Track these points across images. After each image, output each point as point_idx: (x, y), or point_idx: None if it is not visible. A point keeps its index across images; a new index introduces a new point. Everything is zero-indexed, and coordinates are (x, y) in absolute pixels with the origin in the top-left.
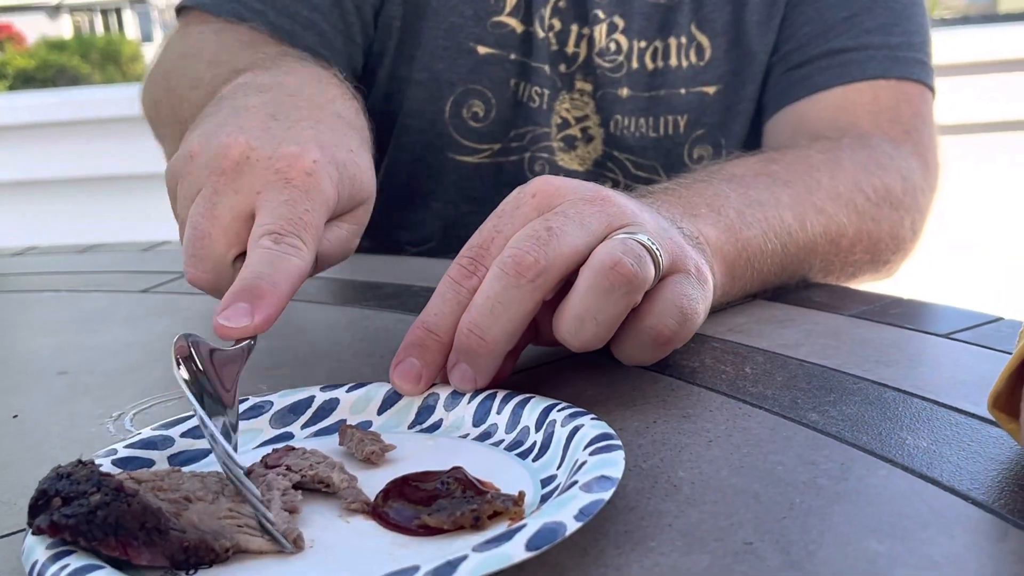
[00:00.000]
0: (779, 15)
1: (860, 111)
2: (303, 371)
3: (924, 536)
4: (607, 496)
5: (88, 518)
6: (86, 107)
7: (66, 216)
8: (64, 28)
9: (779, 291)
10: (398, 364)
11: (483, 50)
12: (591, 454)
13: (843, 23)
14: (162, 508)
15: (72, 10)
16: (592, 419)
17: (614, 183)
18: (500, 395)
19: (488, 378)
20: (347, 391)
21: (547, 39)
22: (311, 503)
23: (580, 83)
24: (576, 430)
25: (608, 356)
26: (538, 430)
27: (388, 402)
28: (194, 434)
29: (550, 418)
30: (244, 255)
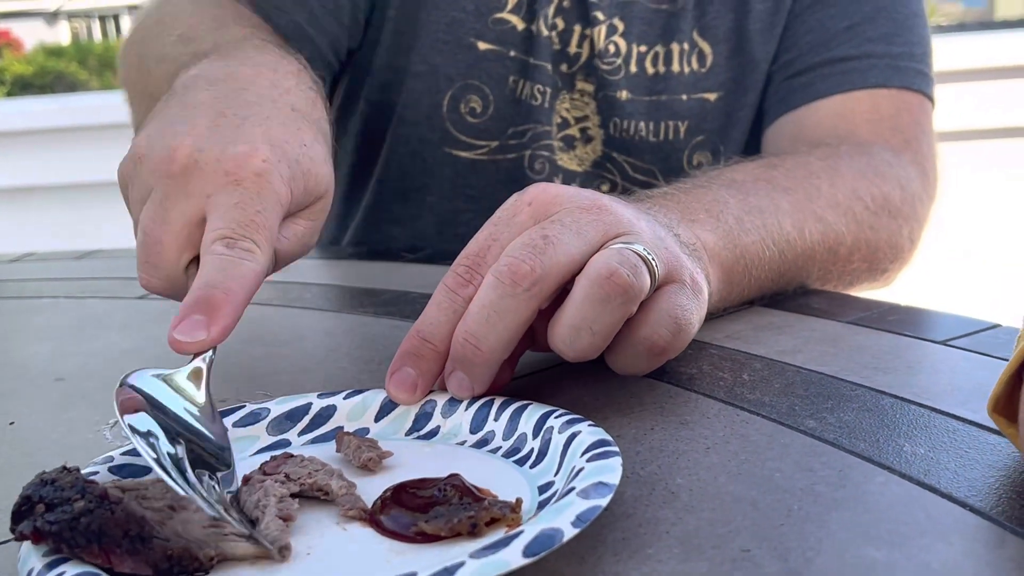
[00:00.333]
0: (781, 24)
1: (860, 119)
2: (300, 378)
3: (922, 543)
4: (604, 502)
5: (71, 525)
6: (84, 113)
7: (63, 222)
8: (62, 34)
9: (776, 298)
10: (394, 373)
11: (483, 46)
12: (588, 460)
13: (845, 32)
14: (146, 516)
15: (70, 16)
16: (589, 426)
17: (612, 185)
18: (497, 402)
19: (485, 386)
20: (344, 398)
21: (550, 38)
22: (308, 510)
23: (581, 83)
24: (573, 437)
25: (605, 363)
26: (535, 437)
27: (385, 409)
28: None
29: (547, 425)
30: (198, 259)
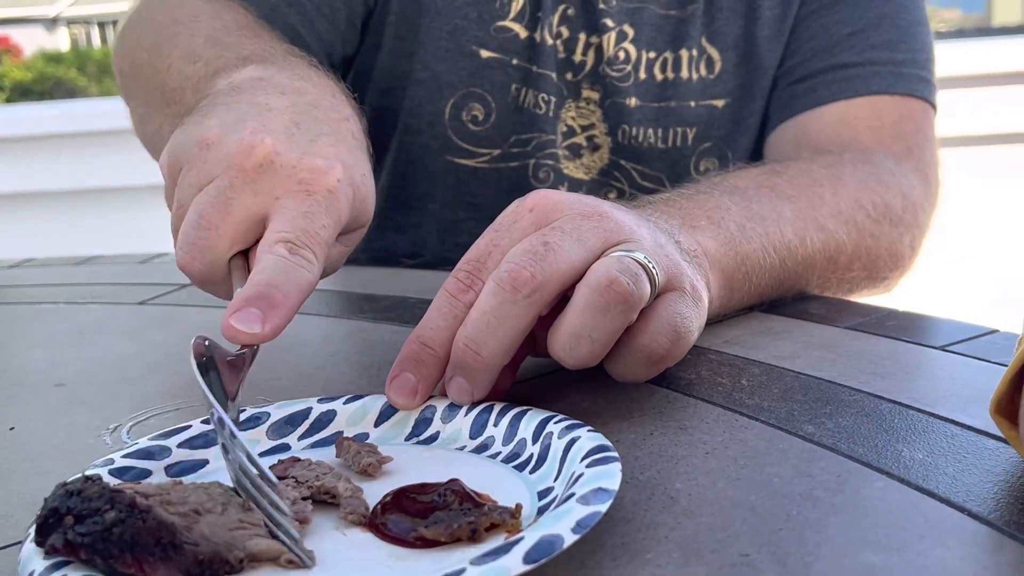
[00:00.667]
0: (789, 31)
1: (862, 126)
2: (300, 382)
3: (920, 548)
4: (604, 508)
5: (104, 536)
6: (83, 119)
7: (63, 228)
8: (61, 40)
9: (775, 303)
10: (394, 378)
11: (485, 54)
12: (588, 466)
13: (849, 39)
14: (175, 522)
15: (69, 23)
16: (589, 431)
17: (620, 192)
18: (497, 407)
19: (485, 391)
20: (344, 403)
21: (554, 47)
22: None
23: (587, 91)
24: (573, 442)
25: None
26: (535, 442)
27: (385, 414)
28: (191, 444)
29: (547, 430)
30: (240, 254)
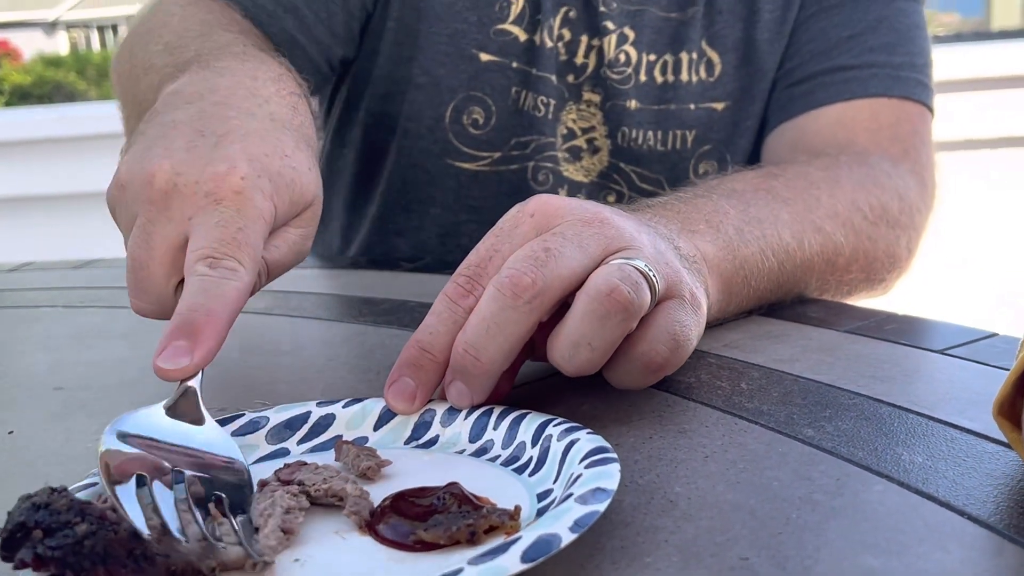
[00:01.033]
0: (788, 34)
1: (860, 128)
2: (299, 386)
3: (920, 551)
4: (603, 507)
5: (75, 548)
6: (82, 123)
7: (62, 232)
8: (60, 44)
9: (774, 307)
10: (392, 383)
11: (485, 57)
12: (587, 467)
13: (847, 41)
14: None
15: (69, 26)
16: (588, 433)
17: (619, 195)
18: (496, 411)
19: (484, 396)
20: (343, 407)
21: (555, 49)
22: (311, 518)
23: (588, 94)
24: (572, 444)
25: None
26: (534, 445)
27: (384, 418)
28: None
29: (546, 433)
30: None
